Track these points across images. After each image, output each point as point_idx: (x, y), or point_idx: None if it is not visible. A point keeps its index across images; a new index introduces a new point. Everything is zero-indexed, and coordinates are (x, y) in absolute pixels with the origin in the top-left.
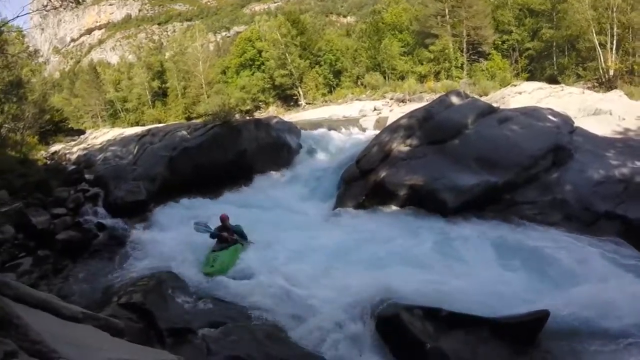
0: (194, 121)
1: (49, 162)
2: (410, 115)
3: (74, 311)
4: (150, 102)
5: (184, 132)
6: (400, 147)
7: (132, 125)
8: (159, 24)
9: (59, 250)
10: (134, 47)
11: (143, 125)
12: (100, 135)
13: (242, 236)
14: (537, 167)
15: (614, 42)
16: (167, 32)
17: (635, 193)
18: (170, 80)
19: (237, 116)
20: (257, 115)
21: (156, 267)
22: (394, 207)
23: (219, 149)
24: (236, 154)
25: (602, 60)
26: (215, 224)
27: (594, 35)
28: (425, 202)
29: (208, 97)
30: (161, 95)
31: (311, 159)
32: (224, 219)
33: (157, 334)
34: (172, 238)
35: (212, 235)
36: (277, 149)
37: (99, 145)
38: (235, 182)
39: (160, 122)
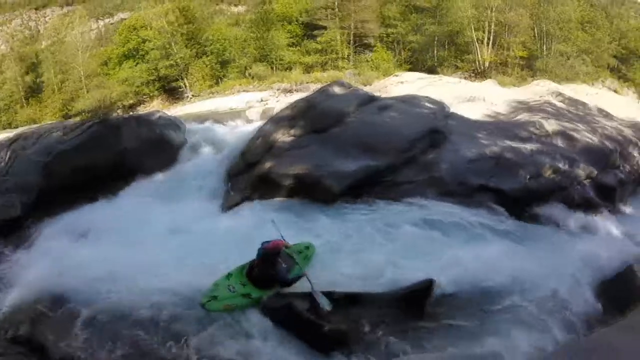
0: (70, 120)
1: None
2: (293, 105)
3: None
4: (23, 100)
5: (59, 133)
6: (284, 137)
7: (4, 128)
8: (36, 9)
9: None
10: (7, 35)
11: (16, 127)
12: None
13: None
14: (415, 150)
15: (491, 37)
16: (45, 18)
17: (505, 167)
18: (46, 74)
19: (120, 112)
20: (142, 109)
21: (41, 292)
22: (281, 198)
23: (98, 149)
24: (116, 154)
25: (479, 53)
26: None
27: (473, 31)
28: (311, 189)
29: (88, 92)
30: (36, 91)
31: (196, 154)
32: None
33: None
34: (56, 256)
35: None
36: (160, 146)
37: None
38: (116, 185)
39: (35, 123)
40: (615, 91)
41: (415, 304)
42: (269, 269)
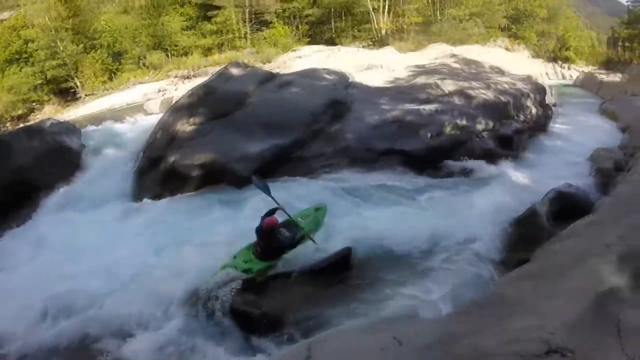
0: None
1: None
2: (191, 93)
3: None
4: None
5: None
6: (185, 127)
7: None
8: None
9: None
10: None
11: None
12: None
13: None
14: (319, 123)
15: (386, 6)
16: None
17: (407, 130)
18: None
19: (9, 125)
20: (33, 118)
21: None
22: (191, 190)
23: None
24: (12, 173)
25: (375, 22)
26: None
27: (368, 1)
28: (220, 177)
29: None
30: None
31: (98, 158)
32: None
33: None
34: None
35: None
36: (57, 156)
37: None
38: (20, 206)
39: None
40: (506, 49)
41: (337, 270)
42: (272, 243)
